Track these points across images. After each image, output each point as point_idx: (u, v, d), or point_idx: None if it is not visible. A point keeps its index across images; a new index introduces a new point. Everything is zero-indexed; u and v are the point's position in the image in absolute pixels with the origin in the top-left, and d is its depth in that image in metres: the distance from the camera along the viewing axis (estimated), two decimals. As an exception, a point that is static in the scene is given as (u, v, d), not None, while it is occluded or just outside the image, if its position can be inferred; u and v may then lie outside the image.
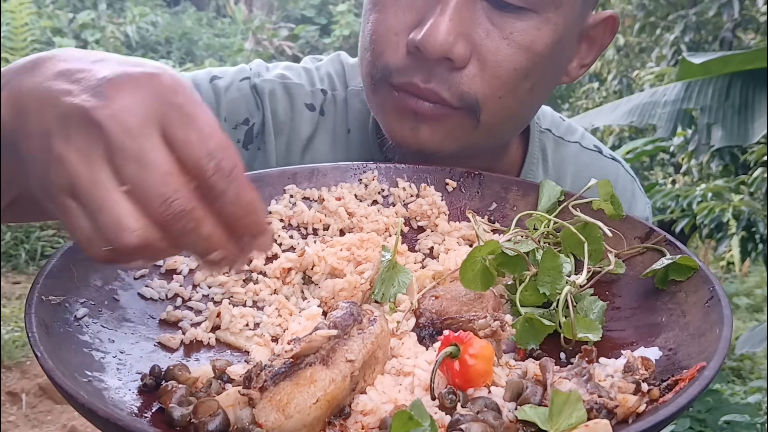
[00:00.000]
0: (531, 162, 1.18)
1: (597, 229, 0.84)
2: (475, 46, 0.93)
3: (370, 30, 0.98)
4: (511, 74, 0.95)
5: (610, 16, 1.05)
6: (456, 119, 0.97)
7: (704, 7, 7.09)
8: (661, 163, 6.97)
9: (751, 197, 4.73)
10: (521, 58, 0.94)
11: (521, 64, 0.95)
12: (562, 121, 1.26)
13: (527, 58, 0.94)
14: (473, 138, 1.00)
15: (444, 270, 0.83)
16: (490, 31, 0.93)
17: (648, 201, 1.28)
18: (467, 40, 0.92)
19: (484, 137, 1.01)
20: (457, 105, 0.96)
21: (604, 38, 1.07)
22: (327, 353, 0.63)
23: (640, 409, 0.61)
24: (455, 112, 0.97)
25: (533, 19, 0.94)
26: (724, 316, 0.69)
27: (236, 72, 1.16)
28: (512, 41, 0.94)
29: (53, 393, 4.19)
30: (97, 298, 0.75)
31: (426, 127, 0.98)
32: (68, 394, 0.57)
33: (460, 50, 0.92)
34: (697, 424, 3.36)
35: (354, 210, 0.96)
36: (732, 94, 3.60)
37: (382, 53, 0.97)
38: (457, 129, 0.98)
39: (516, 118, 1.04)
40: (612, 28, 1.06)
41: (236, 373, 0.68)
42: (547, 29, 0.95)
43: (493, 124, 0.99)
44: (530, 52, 0.94)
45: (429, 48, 0.91)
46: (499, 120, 0.99)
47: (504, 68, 0.94)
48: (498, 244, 0.76)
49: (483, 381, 0.65)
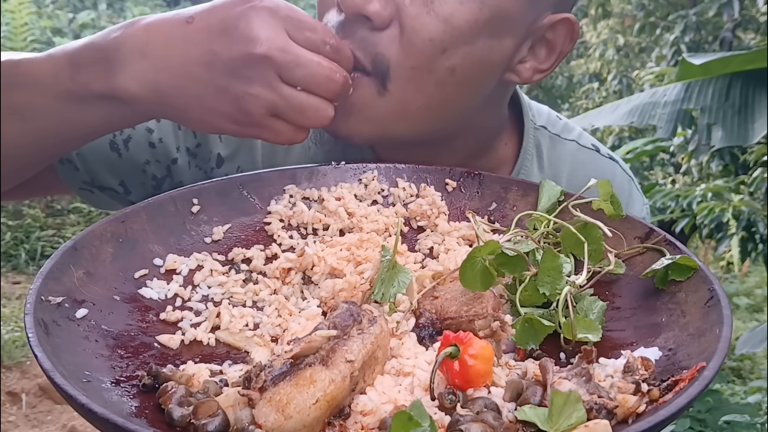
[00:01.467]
0: (525, 158, 1.17)
1: (597, 229, 0.84)
2: (398, 9, 0.92)
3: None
4: (426, 44, 0.92)
5: (566, 18, 1.00)
6: (363, 88, 0.95)
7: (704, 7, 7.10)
8: (661, 163, 6.98)
9: (751, 197, 4.73)
10: (437, 29, 0.92)
11: (437, 35, 0.92)
12: (559, 120, 1.26)
13: (444, 30, 0.92)
14: (384, 115, 0.97)
15: (444, 270, 0.83)
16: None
17: (646, 201, 1.27)
18: (388, 2, 0.92)
19: (396, 116, 0.97)
20: (369, 69, 0.94)
21: (564, 44, 1.02)
22: (327, 353, 0.62)
23: (640, 409, 0.61)
24: (362, 78, 0.94)
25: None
26: (724, 316, 0.69)
27: None
28: (432, 10, 0.92)
29: (53, 393, 4.20)
30: (97, 298, 0.75)
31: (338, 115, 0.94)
32: (68, 394, 0.57)
33: (375, 7, 0.91)
34: (697, 424, 3.36)
35: (354, 210, 0.96)
36: (732, 95, 3.60)
37: (321, 13, 0.99)
38: (365, 100, 0.95)
39: (434, 100, 0.98)
40: (571, 32, 1.01)
41: (233, 375, 0.68)
42: (472, 5, 0.92)
43: (402, 97, 0.95)
44: (448, 24, 0.92)
45: (346, 2, 0.91)
46: (408, 93, 0.95)
47: (419, 36, 0.92)
48: (498, 244, 0.76)
49: (483, 381, 0.65)
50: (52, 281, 0.72)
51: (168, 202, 0.89)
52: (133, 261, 0.82)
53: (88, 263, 0.78)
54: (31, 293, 0.69)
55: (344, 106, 0.94)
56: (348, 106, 0.94)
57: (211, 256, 0.87)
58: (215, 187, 0.93)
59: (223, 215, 0.92)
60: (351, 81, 0.91)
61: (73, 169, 1.09)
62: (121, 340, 0.72)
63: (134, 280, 0.81)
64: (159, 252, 0.85)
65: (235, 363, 0.73)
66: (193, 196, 0.91)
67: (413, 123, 0.99)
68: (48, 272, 0.72)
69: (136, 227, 0.85)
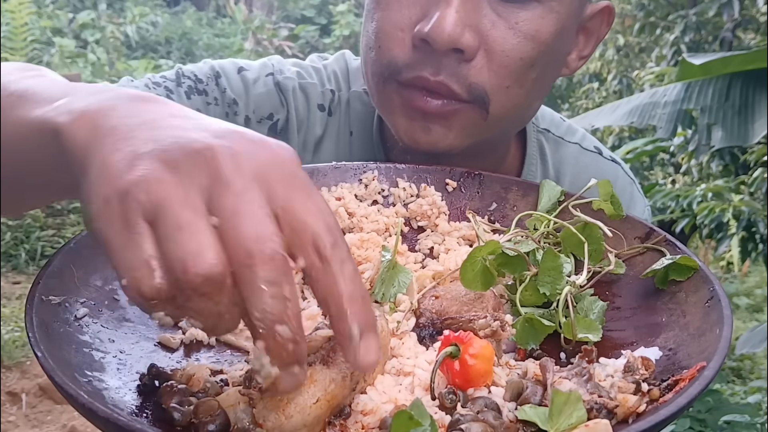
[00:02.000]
0: (530, 163, 1.18)
1: (597, 229, 0.84)
2: (482, 37, 0.94)
3: (375, 28, 0.99)
4: (518, 63, 0.96)
5: (606, 7, 1.06)
6: (465, 114, 0.98)
7: (704, 7, 7.10)
8: (661, 164, 6.97)
9: (751, 197, 4.73)
10: (527, 47, 0.95)
11: (527, 53, 0.96)
12: (562, 122, 1.26)
13: (533, 47, 0.95)
14: (484, 131, 1.01)
15: (444, 270, 0.83)
16: (495, 21, 0.94)
17: (647, 203, 1.28)
18: (474, 31, 0.93)
19: (494, 129, 1.02)
20: (466, 98, 0.96)
21: (601, 29, 1.08)
22: (327, 353, 0.62)
23: (640, 409, 0.61)
24: (464, 107, 0.97)
25: (537, 9, 0.95)
26: (724, 316, 0.69)
27: (261, 66, 1.16)
28: (518, 31, 0.94)
29: (53, 393, 4.19)
30: (97, 298, 0.75)
31: (437, 126, 0.98)
32: (68, 394, 0.57)
33: (468, 41, 0.92)
34: (697, 424, 3.36)
35: (354, 210, 0.96)
36: (732, 95, 3.60)
37: (388, 50, 0.97)
38: (467, 124, 0.99)
39: (522, 109, 1.04)
40: (608, 19, 1.07)
41: (234, 374, 0.68)
42: (551, 18, 0.96)
43: (502, 116, 1.00)
44: (536, 41, 0.95)
45: (438, 39, 0.91)
46: (507, 111, 1.00)
47: (511, 58, 0.95)
48: (498, 244, 0.76)
49: (483, 381, 0.65)
50: (53, 281, 0.72)
51: (168, 202, 0.89)
52: (133, 261, 0.82)
53: (89, 263, 0.77)
54: (32, 293, 0.69)
55: (446, 124, 0.98)
56: (451, 126, 0.98)
57: (212, 255, 0.87)
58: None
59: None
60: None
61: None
62: (121, 340, 0.72)
63: (135, 280, 0.81)
64: (159, 252, 0.85)
65: (236, 363, 0.73)
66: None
67: (505, 131, 1.06)
68: (48, 272, 0.72)
69: (136, 227, 0.84)
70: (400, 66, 0.96)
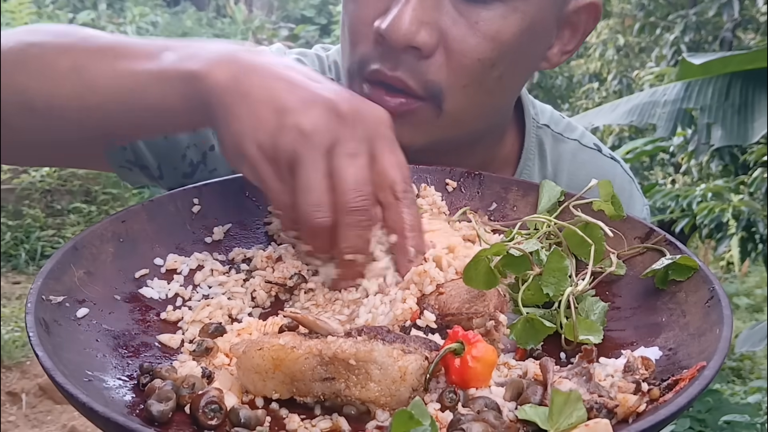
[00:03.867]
0: (527, 158, 1.17)
1: (598, 229, 0.84)
2: (442, 34, 0.93)
3: (345, 22, 1.00)
4: (476, 64, 0.94)
5: (591, 2, 1.03)
6: (420, 112, 0.97)
7: (704, 7, 7.10)
8: (661, 163, 6.97)
9: (751, 197, 4.73)
10: (486, 48, 0.93)
11: (486, 54, 0.94)
12: (562, 119, 1.26)
13: (492, 47, 0.94)
14: (440, 129, 1.00)
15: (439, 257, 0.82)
16: (456, 19, 0.93)
17: (646, 202, 1.27)
18: (432, 29, 0.92)
19: (450, 127, 1.00)
20: (421, 94, 0.95)
21: (587, 24, 1.05)
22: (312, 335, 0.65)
23: (640, 408, 0.61)
24: (419, 105, 0.96)
25: (499, 9, 0.93)
26: (724, 316, 0.69)
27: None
28: (478, 30, 0.93)
29: (53, 393, 4.20)
30: (97, 298, 0.75)
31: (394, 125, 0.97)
32: (69, 393, 0.57)
33: (424, 38, 0.92)
34: (697, 424, 3.36)
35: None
36: (732, 94, 3.59)
37: (355, 44, 0.97)
38: (422, 121, 0.98)
39: (484, 107, 1.02)
40: (594, 14, 1.05)
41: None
42: (514, 18, 0.94)
43: (457, 113, 0.98)
44: (496, 41, 0.94)
45: (393, 37, 0.91)
46: (463, 108, 0.98)
47: (469, 58, 0.94)
48: (504, 246, 0.76)
49: (479, 385, 0.65)
50: (53, 281, 0.72)
51: (168, 202, 0.89)
52: (133, 261, 0.82)
53: (89, 263, 0.78)
54: (32, 293, 0.69)
55: (402, 122, 0.95)
56: (406, 123, 0.96)
57: (212, 255, 0.87)
58: (216, 187, 0.93)
59: (223, 215, 0.92)
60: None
61: (121, 148, 1.08)
62: (121, 340, 0.72)
63: (135, 280, 0.81)
64: (159, 252, 0.85)
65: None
66: (193, 196, 0.91)
67: (466, 129, 1.04)
68: (48, 272, 0.72)
69: (136, 227, 0.85)
70: (362, 60, 0.97)
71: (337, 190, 0.72)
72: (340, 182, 0.72)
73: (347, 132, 0.73)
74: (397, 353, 0.62)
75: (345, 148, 0.72)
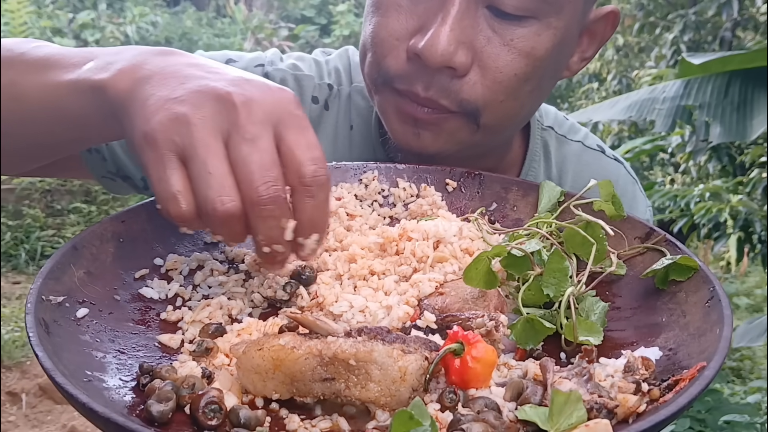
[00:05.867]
0: (533, 159, 1.18)
1: (599, 229, 0.84)
2: (476, 53, 0.94)
3: (372, 32, 0.98)
4: (512, 80, 0.95)
5: (611, 11, 1.05)
6: (456, 122, 0.98)
7: (704, 7, 7.09)
8: (661, 163, 6.97)
9: (749, 197, 4.72)
10: (521, 64, 0.95)
11: (522, 70, 0.95)
12: (566, 120, 1.26)
13: (527, 63, 0.95)
14: (474, 139, 1.01)
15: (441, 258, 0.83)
16: (491, 38, 0.94)
17: (649, 203, 1.27)
18: (468, 48, 0.93)
19: (485, 138, 1.01)
20: (456, 110, 0.96)
21: (605, 32, 1.07)
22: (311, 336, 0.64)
23: (641, 408, 0.61)
24: (455, 116, 0.97)
25: (534, 26, 0.94)
26: (725, 316, 0.69)
27: (252, 58, 1.17)
28: (513, 48, 0.94)
29: (53, 393, 4.20)
30: (97, 298, 0.75)
31: (427, 132, 0.99)
32: (69, 393, 0.57)
33: (461, 59, 0.92)
34: (697, 424, 3.36)
35: (353, 212, 0.96)
36: (731, 92, 3.59)
37: (383, 57, 0.97)
38: (457, 132, 0.99)
39: (517, 118, 1.04)
40: (613, 22, 1.06)
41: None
42: (548, 34, 0.95)
43: (494, 126, 1.00)
44: (531, 57, 0.95)
45: (430, 57, 0.91)
46: (500, 121, 1.00)
47: (505, 74, 0.95)
48: (504, 247, 0.76)
49: (478, 385, 0.65)
50: (53, 281, 0.72)
51: (168, 202, 0.89)
52: (133, 261, 0.82)
53: (89, 263, 0.78)
54: (32, 293, 0.69)
55: (437, 130, 0.98)
56: (441, 132, 0.98)
57: (212, 255, 0.87)
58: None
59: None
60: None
61: (101, 159, 1.09)
62: (121, 340, 0.72)
63: (135, 280, 0.81)
64: (159, 252, 0.85)
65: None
66: (193, 195, 0.91)
67: (499, 137, 1.06)
68: (48, 272, 0.72)
69: (136, 227, 0.85)
70: (393, 75, 0.97)
71: (243, 180, 0.66)
72: (245, 171, 0.66)
73: (241, 117, 0.67)
74: (397, 353, 0.62)
75: (242, 133, 0.67)
